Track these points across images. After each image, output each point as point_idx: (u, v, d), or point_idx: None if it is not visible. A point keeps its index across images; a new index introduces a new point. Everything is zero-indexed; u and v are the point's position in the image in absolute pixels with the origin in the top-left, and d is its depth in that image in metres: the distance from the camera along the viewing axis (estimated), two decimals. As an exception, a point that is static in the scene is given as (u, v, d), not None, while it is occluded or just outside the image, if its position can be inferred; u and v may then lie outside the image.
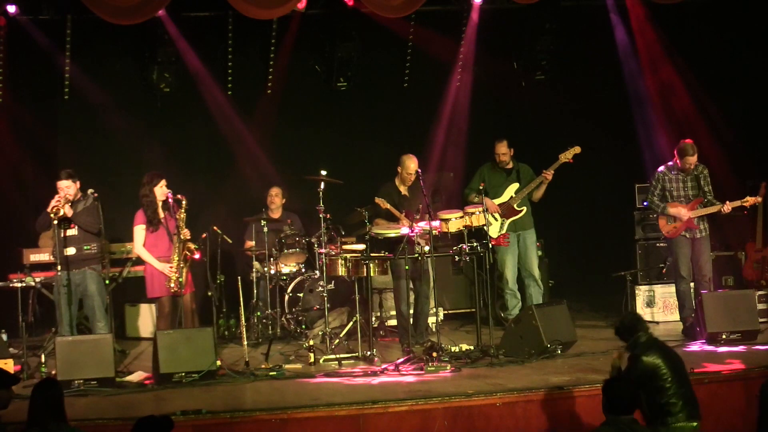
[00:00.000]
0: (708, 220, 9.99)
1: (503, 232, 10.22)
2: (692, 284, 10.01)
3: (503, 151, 10.31)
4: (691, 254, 9.91)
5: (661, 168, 10.04)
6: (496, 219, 10.23)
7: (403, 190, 9.67)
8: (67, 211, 8.81)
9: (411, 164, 9.60)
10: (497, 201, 10.24)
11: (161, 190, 9.20)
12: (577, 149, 10.09)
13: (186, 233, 9.12)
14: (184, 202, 9.11)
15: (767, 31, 11.81)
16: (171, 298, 9.11)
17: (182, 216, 9.11)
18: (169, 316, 9.14)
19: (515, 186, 10.28)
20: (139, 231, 9.23)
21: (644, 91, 12.40)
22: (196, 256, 9.17)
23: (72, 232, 8.93)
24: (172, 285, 9.01)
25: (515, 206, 10.24)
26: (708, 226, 9.99)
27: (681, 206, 9.88)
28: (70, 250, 8.91)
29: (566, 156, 10.10)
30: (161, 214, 9.21)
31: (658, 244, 11.16)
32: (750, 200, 9.91)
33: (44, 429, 5.54)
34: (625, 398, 5.56)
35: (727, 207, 9.77)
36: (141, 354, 9.83)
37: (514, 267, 10.32)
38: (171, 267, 9.05)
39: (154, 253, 9.16)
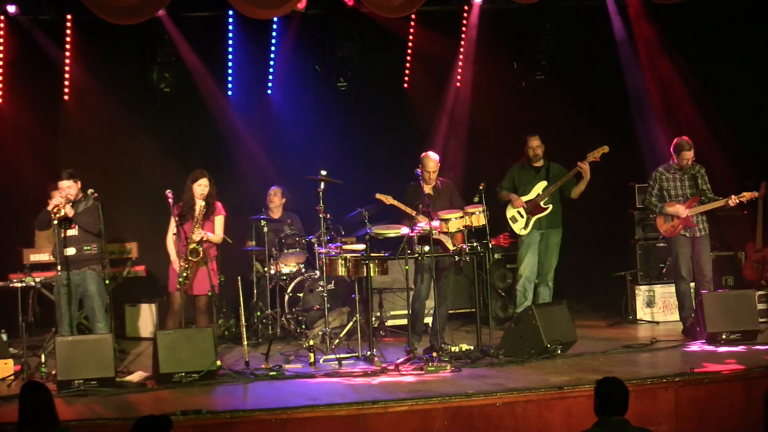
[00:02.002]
0: (708, 220, 10.00)
1: (528, 229, 10.18)
2: (692, 284, 10.01)
3: (536, 144, 10.21)
4: (691, 254, 9.92)
5: (659, 168, 10.06)
6: (522, 216, 10.20)
7: (427, 189, 9.63)
8: (68, 211, 8.81)
9: (429, 163, 9.57)
10: (524, 198, 10.20)
11: (199, 188, 9.24)
12: (605, 149, 10.02)
13: (198, 234, 9.15)
14: (201, 204, 9.18)
15: (766, 29, 11.82)
16: (182, 295, 9.12)
17: (199, 217, 9.18)
18: (178, 314, 9.14)
19: (543, 184, 10.21)
20: (172, 222, 9.29)
21: (644, 91, 12.41)
22: (195, 259, 9.18)
23: (72, 232, 8.93)
24: (179, 280, 9.06)
25: (541, 204, 10.18)
26: (708, 225, 9.99)
27: (679, 205, 9.90)
28: (70, 251, 8.90)
29: (594, 155, 10.04)
30: (196, 212, 9.23)
31: (658, 244, 11.16)
32: (747, 195, 9.92)
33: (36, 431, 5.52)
34: (620, 398, 5.56)
35: (734, 200, 9.73)
36: (141, 354, 9.84)
37: (532, 265, 10.19)
38: (181, 264, 9.08)
39: (178, 246, 9.22)
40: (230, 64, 12.04)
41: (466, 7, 12.17)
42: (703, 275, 9.87)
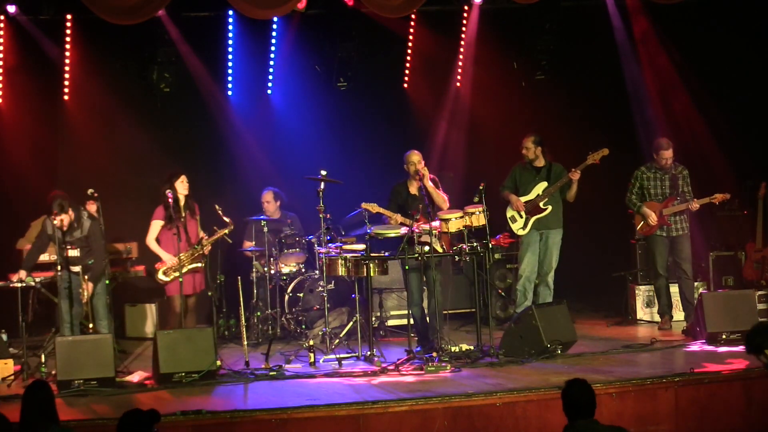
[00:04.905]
0: (691, 219, 10.08)
1: (527, 229, 10.17)
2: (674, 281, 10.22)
3: (527, 145, 10.17)
4: (668, 253, 10.15)
5: (641, 167, 10.24)
6: (521, 216, 10.18)
7: (413, 189, 9.63)
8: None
9: (411, 157, 9.54)
10: (524, 198, 10.17)
11: (183, 185, 9.23)
12: (605, 151, 9.99)
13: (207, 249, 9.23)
14: (229, 228, 9.32)
15: (767, 29, 11.82)
16: (182, 297, 9.11)
17: (215, 237, 9.30)
18: (180, 316, 9.14)
19: (543, 184, 10.16)
20: (156, 225, 9.29)
21: (644, 91, 12.41)
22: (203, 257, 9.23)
23: (74, 253, 8.97)
24: (176, 274, 9.06)
25: (540, 204, 10.14)
26: (688, 225, 10.07)
27: (655, 206, 10.04)
28: (75, 269, 8.93)
29: (594, 157, 10.00)
30: (182, 213, 9.23)
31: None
32: (718, 197, 10.02)
33: (36, 431, 5.53)
34: (584, 400, 5.54)
35: (695, 205, 9.98)
36: (141, 354, 9.84)
37: (532, 265, 10.12)
38: (182, 263, 9.11)
39: (176, 249, 9.21)
40: (230, 64, 12.04)
41: (466, 7, 12.17)
42: (684, 273, 10.11)
